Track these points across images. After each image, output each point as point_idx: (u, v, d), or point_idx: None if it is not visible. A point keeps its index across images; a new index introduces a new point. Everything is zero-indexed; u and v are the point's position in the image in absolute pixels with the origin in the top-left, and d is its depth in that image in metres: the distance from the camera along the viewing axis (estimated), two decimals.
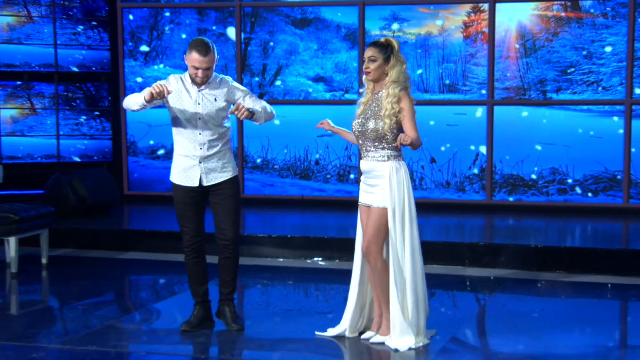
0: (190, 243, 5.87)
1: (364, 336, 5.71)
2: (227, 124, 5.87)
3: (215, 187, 5.81)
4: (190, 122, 5.73)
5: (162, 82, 5.63)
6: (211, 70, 5.72)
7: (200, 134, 5.74)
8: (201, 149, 5.75)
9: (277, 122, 10.24)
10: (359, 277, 5.72)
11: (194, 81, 5.73)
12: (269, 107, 5.89)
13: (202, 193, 5.81)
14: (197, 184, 5.77)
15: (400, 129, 5.48)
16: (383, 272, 5.51)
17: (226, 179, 5.83)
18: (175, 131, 5.83)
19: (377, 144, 5.51)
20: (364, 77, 5.62)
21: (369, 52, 5.53)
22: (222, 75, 5.84)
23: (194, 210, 5.83)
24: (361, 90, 5.69)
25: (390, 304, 5.48)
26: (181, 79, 5.81)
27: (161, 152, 11.25)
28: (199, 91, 5.73)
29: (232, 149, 5.96)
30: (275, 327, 6.09)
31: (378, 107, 5.51)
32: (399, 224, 5.45)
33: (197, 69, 5.65)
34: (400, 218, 5.45)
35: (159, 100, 5.63)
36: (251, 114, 5.65)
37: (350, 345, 5.65)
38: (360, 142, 5.59)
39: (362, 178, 5.65)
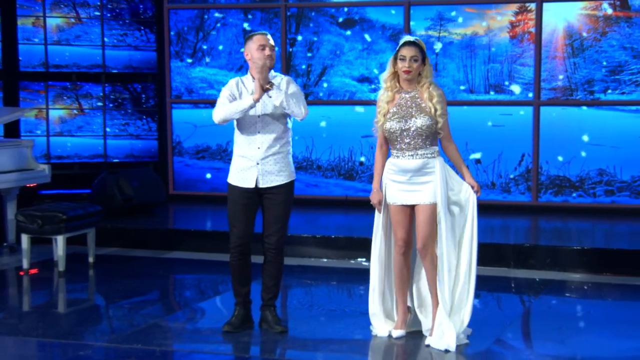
0: (237, 244, 5.86)
1: (393, 334, 5.69)
2: (288, 124, 5.85)
3: (270, 190, 5.80)
4: (249, 122, 5.74)
5: (230, 86, 5.73)
6: (274, 53, 5.73)
7: (259, 132, 5.75)
8: (259, 148, 5.75)
9: (322, 123, 10.25)
10: (382, 276, 5.72)
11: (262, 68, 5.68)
12: (302, 104, 5.73)
13: (256, 194, 5.81)
14: (252, 185, 5.77)
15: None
16: (436, 267, 5.52)
17: (282, 182, 5.81)
18: (236, 132, 5.85)
19: (427, 141, 5.51)
20: (383, 75, 5.61)
21: (412, 52, 5.50)
22: (282, 74, 5.84)
23: (246, 211, 5.81)
24: (386, 85, 5.63)
25: (439, 301, 5.47)
26: (240, 80, 5.84)
27: (206, 151, 11.32)
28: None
29: (291, 152, 5.92)
30: (318, 327, 6.09)
31: (420, 105, 5.50)
32: (450, 218, 5.48)
33: (264, 46, 5.68)
34: (448, 213, 5.48)
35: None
36: (270, 83, 5.61)
37: (395, 346, 5.63)
38: (405, 140, 5.54)
39: (399, 177, 5.59)
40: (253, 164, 5.76)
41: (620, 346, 5.60)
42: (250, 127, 5.75)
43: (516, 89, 10.25)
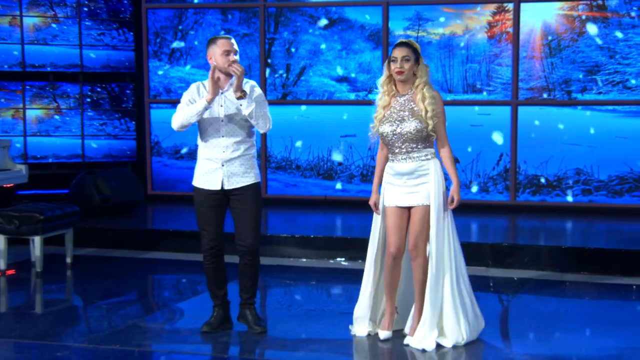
0: (208, 247, 5.85)
1: (380, 335, 5.71)
2: (253, 128, 5.84)
3: (237, 192, 5.79)
4: (213, 125, 5.73)
5: (191, 92, 5.74)
6: (238, 58, 5.74)
7: (223, 136, 5.74)
8: (224, 151, 5.74)
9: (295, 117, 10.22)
10: (376, 278, 5.74)
11: (226, 72, 5.70)
12: (268, 119, 5.75)
13: (223, 196, 5.80)
14: (218, 187, 5.76)
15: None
16: (427, 269, 5.53)
17: (247, 183, 5.80)
18: (200, 135, 5.84)
19: (420, 144, 5.52)
20: (380, 79, 5.62)
21: (403, 52, 5.50)
22: (245, 79, 5.83)
23: (214, 214, 5.80)
24: (383, 90, 5.64)
25: (425, 302, 5.48)
26: (202, 84, 5.83)
27: (184, 150, 11.29)
28: (222, 93, 5.74)
29: (255, 155, 5.94)
30: (298, 327, 6.09)
31: (412, 109, 5.50)
32: (442, 221, 5.49)
33: (229, 52, 5.67)
34: (442, 214, 5.49)
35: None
36: (243, 92, 5.60)
37: (375, 345, 5.64)
38: (397, 144, 5.55)
39: (395, 180, 5.61)
40: (218, 166, 5.75)
41: (598, 345, 5.63)
42: (215, 130, 5.74)
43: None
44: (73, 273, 8.10)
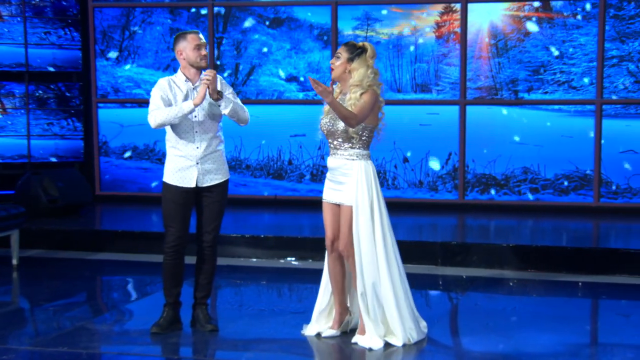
0: (173, 243, 5.81)
1: (325, 334, 5.72)
2: (220, 123, 5.85)
3: (209, 189, 5.79)
4: (187, 122, 5.70)
5: (162, 87, 5.68)
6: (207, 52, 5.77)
7: (196, 132, 5.72)
8: (197, 147, 5.73)
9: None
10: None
11: (198, 67, 5.70)
12: (245, 109, 5.86)
13: (194, 194, 5.79)
14: (193, 185, 5.75)
15: (370, 131, 5.54)
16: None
17: (220, 181, 5.83)
18: (170, 132, 5.77)
19: (346, 143, 5.54)
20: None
21: (339, 50, 5.59)
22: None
23: (183, 211, 5.78)
24: (334, 86, 5.68)
25: (360, 302, 5.51)
26: (172, 81, 5.78)
27: (127, 154, 11.20)
28: (194, 88, 5.72)
29: (224, 151, 5.94)
30: (248, 327, 6.08)
31: None
32: (364, 222, 5.48)
33: (200, 46, 5.67)
34: (367, 216, 5.49)
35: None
36: (219, 93, 5.61)
37: (324, 344, 5.65)
38: (329, 139, 5.61)
39: (329, 175, 5.67)
40: (192, 164, 5.74)
41: (544, 341, 5.70)
42: (188, 127, 5.72)
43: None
44: (19, 275, 7.98)
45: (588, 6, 9.98)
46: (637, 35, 9.93)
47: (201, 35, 5.77)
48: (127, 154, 11.19)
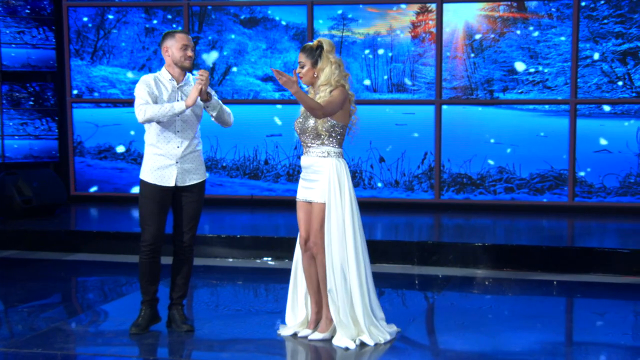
0: (150, 242, 5.77)
1: (300, 334, 5.73)
2: (199, 125, 5.86)
3: (187, 189, 5.79)
4: (169, 121, 5.68)
5: (148, 83, 5.64)
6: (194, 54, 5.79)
7: (178, 131, 5.71)
8: (178, 147, 5.72)
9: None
10: (301, 273, 5.78)
11: (182, 67, 5.70)
12: (231, 114, 5.90)
13: (172, 193, 5.78)
14: (172, 184, 5.74)
15: (342, 129, 5.55)
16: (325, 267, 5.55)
17: (199, 181, 5.84)
18: (151, 130, 5.76)
19: (317, 141, 5.56)
20: None
21: (299, 58, 5.59)
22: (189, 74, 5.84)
23: (160, 210, 5.76)
24: (307, 89, 5.69)
25: (329, 300, 5.51)
26: (157, 78, 5.76)
27: (106, 152, 11.15)
28: (178, 87, 5.71)
29: (202, 151, 5.94)
30: (224, 327, 6.06)
31: None
32: (336, 220, 5.50)
33: (187, 47, 5.68)
34: (338, 214, 5.50)
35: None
36: (208, 94, 5.63)
37: (300, 344, 5.65)
38: (302, 138, 5.62)
39: (302, 174, 5.70)
40: (172, 163, 5.73)
41: (520, 340, 5.73)
42: (169, 126, 5.70)
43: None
44: None
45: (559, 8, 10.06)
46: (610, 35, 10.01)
47: (190, 37, 5.77)
48: (121, 150, 11.14)
